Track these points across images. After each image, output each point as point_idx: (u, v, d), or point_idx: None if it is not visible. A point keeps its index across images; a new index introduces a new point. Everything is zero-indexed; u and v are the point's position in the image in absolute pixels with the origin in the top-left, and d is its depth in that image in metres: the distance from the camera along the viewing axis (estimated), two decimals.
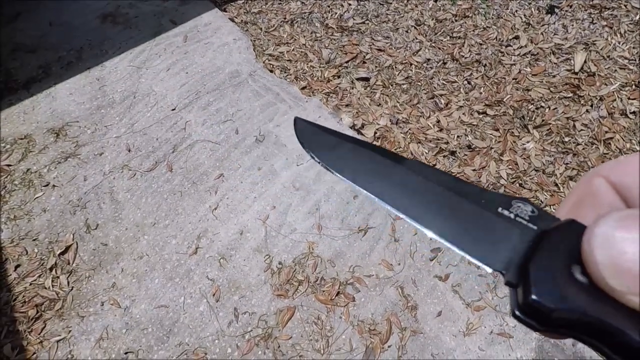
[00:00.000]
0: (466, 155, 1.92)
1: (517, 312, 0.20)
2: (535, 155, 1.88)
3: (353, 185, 0.29)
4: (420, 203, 0.26)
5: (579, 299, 0.18)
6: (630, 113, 1.94)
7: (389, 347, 1.43)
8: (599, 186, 0.22)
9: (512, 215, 0.24)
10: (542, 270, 0.20)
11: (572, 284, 0.19)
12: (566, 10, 2.41)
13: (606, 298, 0.18)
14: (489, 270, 0.22)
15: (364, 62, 2.36)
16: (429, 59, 2.32)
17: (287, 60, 2.43)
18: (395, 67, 2.31)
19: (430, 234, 0.25)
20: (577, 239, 0.19)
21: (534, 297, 0.19)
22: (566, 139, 1.92)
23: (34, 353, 1.48)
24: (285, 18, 2.67)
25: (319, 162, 0.30)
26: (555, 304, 0.19)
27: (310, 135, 0.33)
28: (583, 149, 1.88)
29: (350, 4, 2.69)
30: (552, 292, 0.19)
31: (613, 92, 2.02)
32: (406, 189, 0.27)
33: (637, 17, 2.28)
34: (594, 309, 0.18)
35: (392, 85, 2.23)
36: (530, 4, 2.49)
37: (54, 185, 1.92)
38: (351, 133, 2.01)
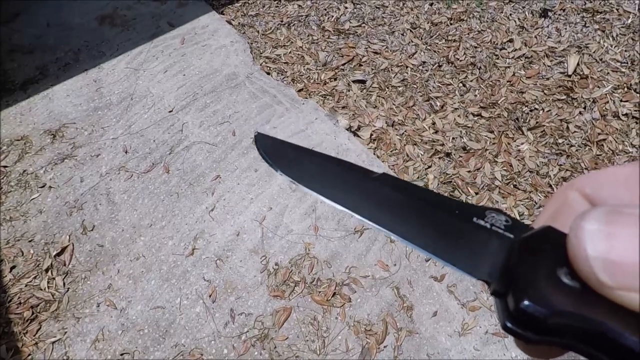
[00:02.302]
0: (461, 156, 1.94)
1: (508, 324, 0.19)
2: (530, 156, 1.90)
3: (327, 200, 0.27)
4: (396, 215, 0.26)
5: (572, 302, 0.18)
6: (623, 115, 1.97)
7: (384, 347, 1.44)
8: (573, 199, 0.22)
9: (487, 225, 0.24)
10: (530, 275, 0.19)
11: (562, 290, 0.18)
12: (559, 14, 2.44)
13: (598, 299, 0.17)
14: (474, 279, 0.22)
15: (360, 65, 2.38)
16: (424, 62, 2.34)
17: (284, 63, 2.45)
18: (391, 70, 2.33)
19: (410, 245, 0.25)
20: (558, 242, 0.19)
21: (526, 302, 0.18)
22: (560, 141, 1.94)
23: (29, 354, 1.47)
24: (282, 21, 2.69)
25: (290, 180, 0.29)
26: (550, 307, 0.18)
27: (276, 151, 0.32)
28: (576, 150, 1.90)
29: (346, 7, 2.71)
30: (545, 295, 0.18)
31: (606, 94, 2.04)
32: (380, 201, 0.27)
33: (629, 21, 2.31)
34: (589, 310, 0.17)
35: (388, 88, 2.25)
36: (524, 7, 2.52)
37: (50, 187, 1.92)
38: (347, 135, 2.03)
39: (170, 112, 2.20)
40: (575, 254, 0.18)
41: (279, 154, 0.31)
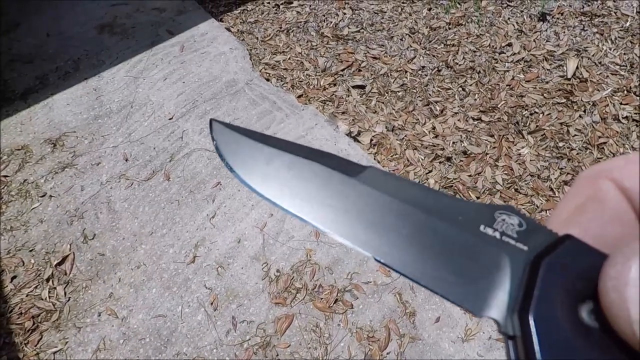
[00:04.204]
0: (462, 161, 1.94)
1: None
2: (530, 160, 1.90)
3: (296, 215, 0.22)
4: (384, 235, 0.21)
5: (593, 353, 0.15)
6: (623, 118, 1.97)
7: (387, 354, 1.43)
8: (606, 191, 0.18)
9: (497, 235, 0.20)
10: (544, 321, 0.16)
11: (583, 333, 0.16)
12: (558, 18, 2.45)
13: (621, 346, 0.15)
14: (478, 317, 0.19)
15: (360, 70, 2.39)
16: (423, 67, 2.35)
17: (284, 69, 2.45)
18: (391, 75, 2.33)
19: (402, 275, 0.20)
20: (580, 264, 0.17)
21: (539, 358, 0.16)
22: (560, 144, 1.94)
23: None
24: (281, 27, 2.70)
25: (249, 186, 0.23)
26: None
27: (235, 146, 0.25)
28: (577, 153, 1.90)
29: (345, 13, 2.72)
30: (561, 349, 0.16)
31: (605, 97, 2.05)
32: (363, 213, 0.22)
33: (628, 24, 2.32)
34: None
35: (387, 93, 2.25)
36: (522, 11, 2.53)
37: (50, 196, 1.92)
38: (347, 140, 2.03)
39: (170, 119, 2.20)
40: (614, 314, 0.14)
41: (241, 153, 0.25)
